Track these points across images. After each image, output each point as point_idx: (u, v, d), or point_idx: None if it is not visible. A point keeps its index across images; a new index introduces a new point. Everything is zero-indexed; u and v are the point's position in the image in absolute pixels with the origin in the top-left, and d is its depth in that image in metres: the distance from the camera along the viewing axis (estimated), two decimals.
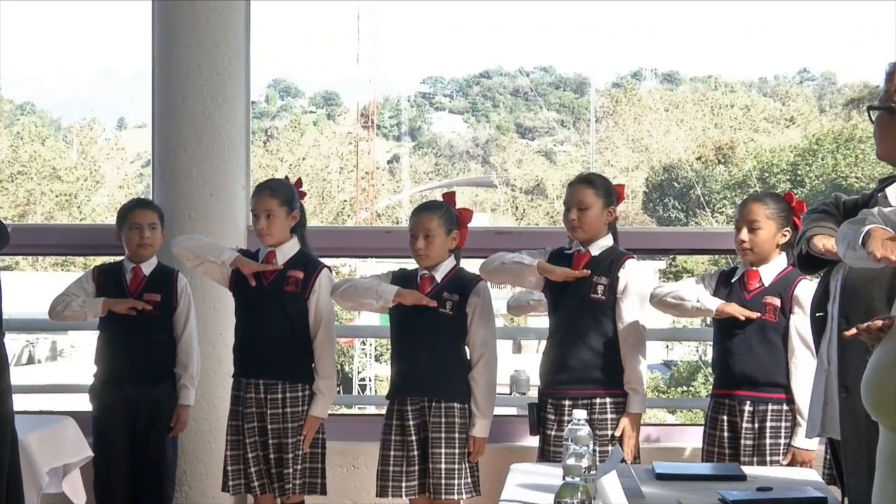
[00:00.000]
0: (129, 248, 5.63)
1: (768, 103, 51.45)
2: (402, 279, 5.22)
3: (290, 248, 5.33)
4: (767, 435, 4.87)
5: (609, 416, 5.02)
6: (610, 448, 4.80)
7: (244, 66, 6.12)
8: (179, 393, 5.62)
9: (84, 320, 5.67)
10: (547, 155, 53.11)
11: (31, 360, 28.97)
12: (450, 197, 5.35)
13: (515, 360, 23.89)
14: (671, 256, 29.87)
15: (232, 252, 5.32)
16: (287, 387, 5.23)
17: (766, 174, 38.32)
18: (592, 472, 3.10)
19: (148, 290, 5.61)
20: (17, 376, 4.92)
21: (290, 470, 5.20)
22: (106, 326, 5.64)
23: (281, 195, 5.30)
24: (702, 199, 39.85)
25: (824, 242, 3.73)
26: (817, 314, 3.88)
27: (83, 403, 5.74)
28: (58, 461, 5.16)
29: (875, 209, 3.24)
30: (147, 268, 5.64)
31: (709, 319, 5.19)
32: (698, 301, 4.99)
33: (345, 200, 42.27)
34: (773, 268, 4.95)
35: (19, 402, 4.78)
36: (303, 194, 5.45)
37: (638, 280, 5.10)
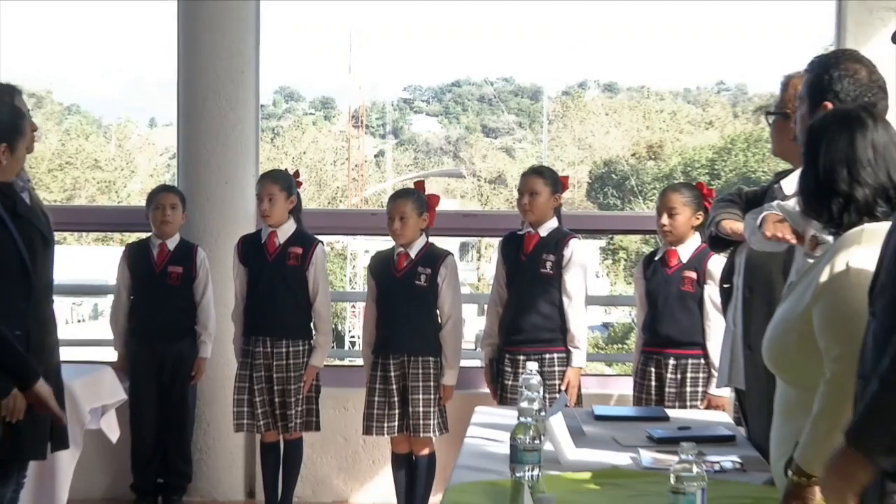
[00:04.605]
0: (154, 225, 5.62)
1: (691, 109, 51.34)
2: (380, 260, 5.24)
3: (289, 227, 5.33)
4: (688, 384, 4.90)
5: (556, 368, 5.06)
6: (557, 395, 4.83)
7: (254, 75, 6.09)
8: (199, 347, 5.62)
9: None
10: (507, 151, 52.92)
11: (77, 319, 28.84)
12: (420, 185, 5.35)
13: (480, 321, 23.88)
14: (609, 236, 29.92)
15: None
16: (290, 342, 5.25)
17: (689, 168, 38.34)
18: (542, 413, 3.10)
19: (172, 263, 5.60)
20: (65, 333, 4.89)
21: (293, 411, 5.22)
22: (138, 293, 5.66)
23: (281, 182, 5.30)
24: (635, 188, 39.91)
25: (731, 225, 3.75)
26: (724, 286, 3.91)
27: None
28: (97, 402, 5.14)
29: (774, 203, 3.29)
30: (171, 243, 5.64)
31: (643, 290, 5.11)
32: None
33: (338, 187, 42.13)
34: (689, 246, 4.97)
35: (66, 354, 4.75)
36: (299, 183, 5.45)
37: (580, 255, 5.11)
